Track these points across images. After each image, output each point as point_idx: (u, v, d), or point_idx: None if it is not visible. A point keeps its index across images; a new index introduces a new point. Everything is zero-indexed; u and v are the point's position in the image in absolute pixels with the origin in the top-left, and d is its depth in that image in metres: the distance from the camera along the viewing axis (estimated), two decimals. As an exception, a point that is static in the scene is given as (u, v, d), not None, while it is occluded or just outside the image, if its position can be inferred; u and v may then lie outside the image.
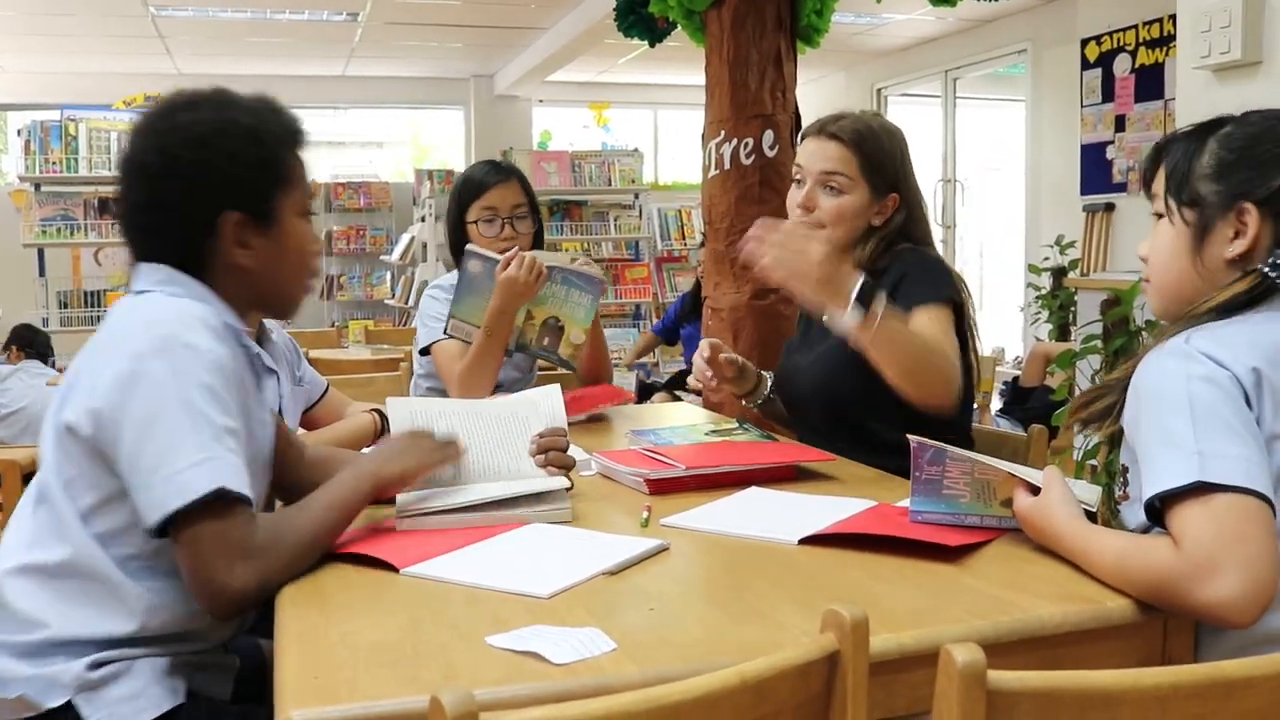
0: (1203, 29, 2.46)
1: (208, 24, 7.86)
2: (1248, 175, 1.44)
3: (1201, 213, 1.48)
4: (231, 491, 1.36)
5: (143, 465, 1.37)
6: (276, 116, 1.60)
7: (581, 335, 2.71)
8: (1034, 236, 7.82)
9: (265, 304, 1.64)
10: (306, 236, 1.63)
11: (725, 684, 0.96)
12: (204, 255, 1.54)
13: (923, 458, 1.59)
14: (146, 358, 1.40)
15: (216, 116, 1.54)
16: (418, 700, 1.02)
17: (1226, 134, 1.49)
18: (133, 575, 1.45)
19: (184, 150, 1.51)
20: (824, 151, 2.25)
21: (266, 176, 1.56)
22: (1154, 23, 6.62)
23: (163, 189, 1.51)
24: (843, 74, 10.29)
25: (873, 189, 2.23)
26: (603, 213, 8.51)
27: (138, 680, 1.43)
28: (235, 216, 1.53)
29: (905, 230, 2.27)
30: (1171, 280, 1.53)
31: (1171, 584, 1.23)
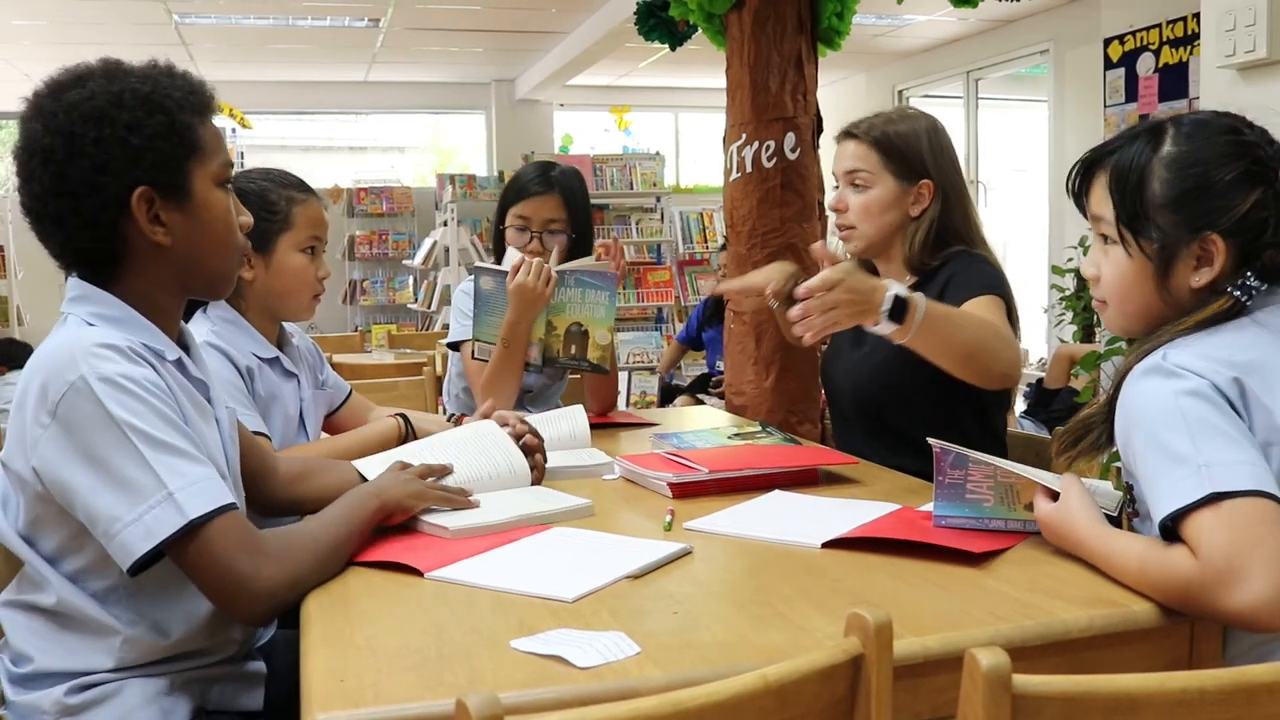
0: (1227, 28, 2.45)
1: (230, 30, 7.91)
2: (1210, 205, 1.42)
3: (1163, 244, 1.45)
4: (199, 517, 1.33)
5: (102, 515, 1.33)
6: (173, 81, 1.46)
7: (607, 335, 2.67)
8: (1057, 238, 7.78)
9: (192, 286, 1.53)
10: (226, 206, 1.51)
11: (749, 687, 0.96)
12: (119, 240, 1.44)
13: (945, 462, 1.59)
14: (65, 405, 1.34)
15: (109, 88, 1.41)
16: (443, 704, 1.02)
17: (1172, 156, 1.45)
18: (113, 609, 1.43)
19: (82, 127, 1.39)
20: (844, 151, 2.30)
21: (172, 145, 1.43)
22: (1177, 21, 6.59)
23: (67, 172, 1.39)
24: (864, 76, 10.26)
25: (898, 179, 2.25)
26: (624, 216, 8.53)
27: (127, 702, 1.42)
28: (144, 191, 1.42)
29: (948, 220, 2.27)
30: (1136, 308, 1.51)
31: (1195, 592, 1.22)
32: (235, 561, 1.35)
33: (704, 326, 6.51)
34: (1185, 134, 1.46)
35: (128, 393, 1.35)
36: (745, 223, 3.84)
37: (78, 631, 1.44)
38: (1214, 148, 1.44)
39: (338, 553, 1.48)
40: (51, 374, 1.36)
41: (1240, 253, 1.42)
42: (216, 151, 1.50)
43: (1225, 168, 1.42)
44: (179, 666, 1.47)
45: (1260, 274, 1.41)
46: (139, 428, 1.34)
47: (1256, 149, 1.42)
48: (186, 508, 1.33)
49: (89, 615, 1.43)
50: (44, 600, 1.44)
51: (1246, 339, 1.38)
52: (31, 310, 8.21)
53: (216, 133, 1.52)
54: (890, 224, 2.27)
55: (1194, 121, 1.48)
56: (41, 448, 1.35)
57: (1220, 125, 1.46)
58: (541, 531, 1.63)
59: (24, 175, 1.44)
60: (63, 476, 1.35)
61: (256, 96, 9.86)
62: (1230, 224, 1.41)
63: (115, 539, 1.32)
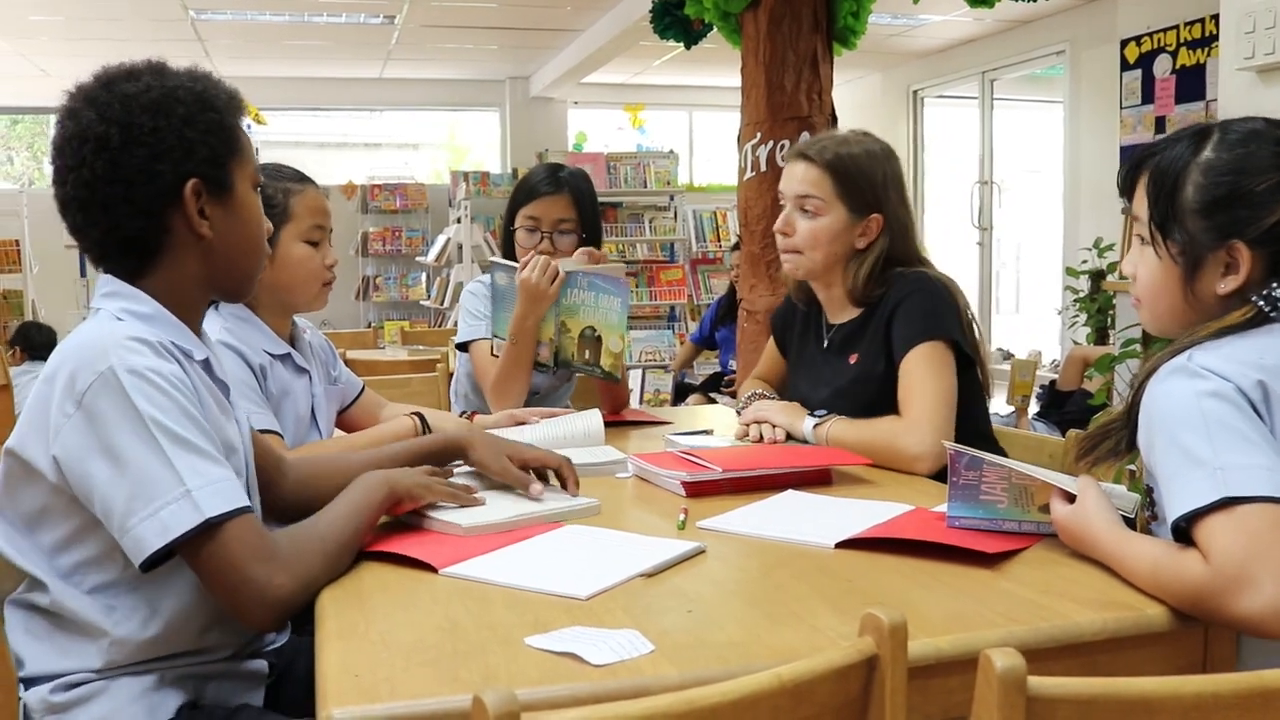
0: (1246, 30, 2.44)
1: (246, 26, 7.94)
2: (1238, 214, 1.41)
3: (1190, 249, 1.45)
4: (216, 517, 1.33)
5: (117, 509, 1.33)
6: (216, 85, 1.53)
7: (619, 342, 2.64)
8: (1072, 239, 7.77)
9: (222, 284, 1.56)
10: (259, 209, 1.58)
11: (763, 686, 0.96)
12: (165, 230, 1.47)
13: (960, 463, 1.59)
14: (92, 395, 1.35)
15: (163, 83, 1.46)
16: (459, 700, 1.03)
17: (1209, 162, 1.44)
18: (108, 605, 1.42)
19: (139, 117, 1.42)
20: (799, 174, 2.27)
21: (220, 142, 1.49)
22: (1195, 23, 6.57)
23: (121, 160, 1.42)
24: (879, 75, 10.25)
25: (850, 210, 2.23)
26: (638, 214, 8.53)
27: (114, 700, 1.42)
28: (196, 183, 1.46)
29: (892, 254, 2.26)
30: (1164, 309, 1.52)
31: (1206, 598, 1.22)
32: (248, 566, 1.34)
33: (717, 326, 6.51)
34: (1228, 141, 1.45)
35: (154, 387, 1.36)
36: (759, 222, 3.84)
37: (68, 632, 1.43)
38: (1252, 157, 1.43)
39: (347, 548, 1.48)
40: (81, 364, 1.37)
41: (1269, 263, 1.41)
42: (251, 155, 1.55)
43: (1259, 178, 1.41)
44: (169, 664, 1.47)
45: None
46: (162, 423, 1.34)
47: None
48: (204, 506, 1.33)
49: (80, 616, 1.42)
50: (40, 600, 1.44)
51: (1274, 343, 1.37)
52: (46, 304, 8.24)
53: (249, 138, 1.57)
54: (836, 254, 2.26)
55: (1241, 129, 1.47)
56: (64, 436, 1.36)
57: (1257, 130, 1.45)
58: (554, 529, 1.64)
59: (73, 163, 1.44)
60: (83, 467, 1.35)
61: (272, 93, 9.89)
62: (1258, 234, 1.40)
63: (129, 533, 1.33)
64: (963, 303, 2.23)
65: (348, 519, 1.50)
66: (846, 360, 2.28)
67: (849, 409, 2.19)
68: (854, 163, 2.23)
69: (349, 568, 1.47)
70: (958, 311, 2.20)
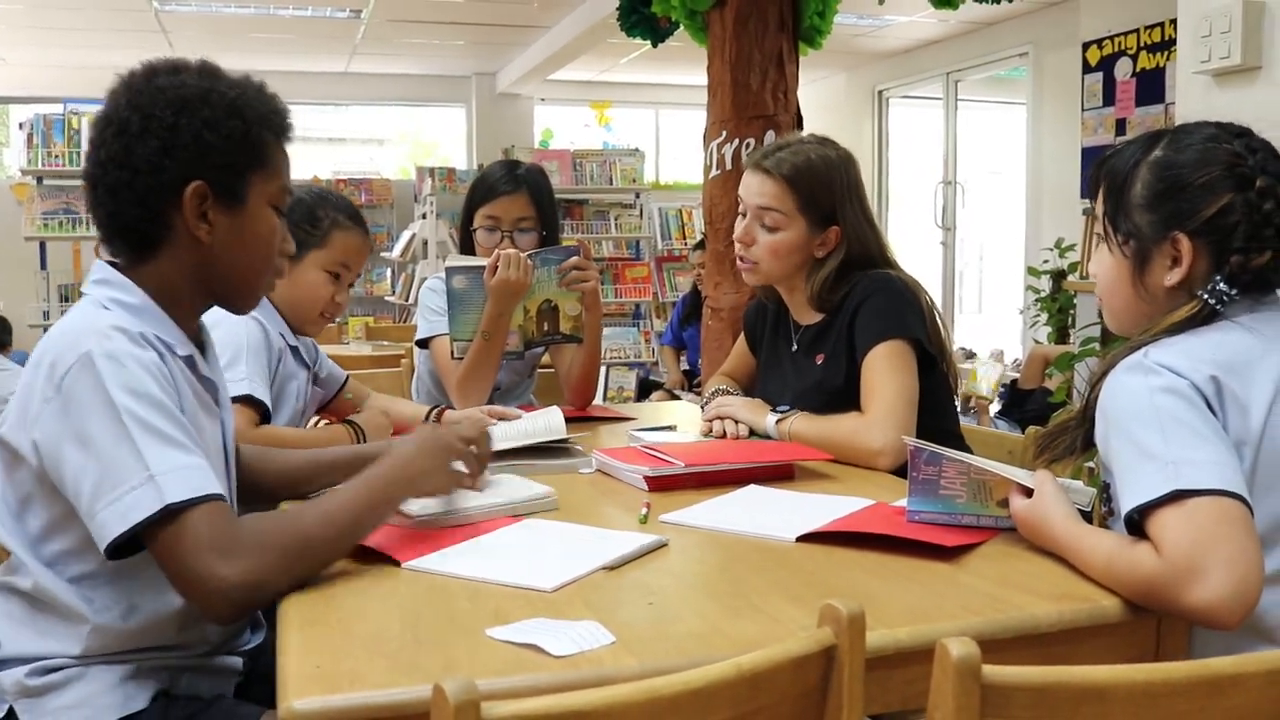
0: (1203, 34, 2.47)
1: (211, 19, 7.87)
2: (1179, 206, 1.46)
3: (1138, 243, 1.50)
4: (178, 503, 1.30)
5: (85, 493, 1.33)
6: (260, 97, 1.53)
7: (576, 306, 2.67)
8: (1034, 239, 7.84)
9: (217, 290, 1.56)
10: (274, 229, 1.56)
11: (722, 676, 0.97)
12: (163, 224, 1.48)
13: (919, 458, 1.61)
14: (69, 380, 1.35)
15: (199, 84, 1.48)
16: (419, 690, 1.03)
17: (1158, 160, 1.49)
18: (89, 595, 1.43)
19: (162, 111, 1.44)
20: (760, 187, 2.26)
21: (241, 152, 1.48)
22: (1155, 27, 6.64)
23: (134, 147, 1.44)
24: (844, 75, 10.30)
25: (810, 223, 2.24)
26: (604, 212, 8.53)
27: (89, 687, 1.42)
28: (199, 186, 1.46)
29: (851, 258, 2.26)
30: (1119, 305, 1.56)
31: (1158, 589, 1.24)
32: (201, 556, 1.30)
33: (684, 325, 6.53)
34: (1178, 142, 1.50)
35: (129, 374, 1.36)
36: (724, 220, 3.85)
37: (48, 617, 1.44)
38: (1194, 152, 1.47)
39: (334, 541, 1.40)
40: (61, 350, 1.38)
41: (1212, 256, 1.45)
42: (280, 175, 1.55)
43: (1199, 171, 1.46)
44: (146, 656, 1.47)
45: (1229, 279, 1.43)
46: (133, 410, 1.34)
47: (1236, 157, 1.45)
48: (165, 492, 1.31)
49: (61, 602, 1.43)
50: (21, 583, 1.45)
51: (1229, 339, 1.40)
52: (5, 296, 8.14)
53: (286, 158, 1.57)
54: (795, 264, 2.28)
55: (1191, 131, 1.52)
56: (43, 421, 1.36)
57: (1206, 133, 1.50)
58: (514, 523, 1.64)
59: (95, 142, 1.48)
60: (58, 451, 1.35)
61: (236, 86, 9.80)
62: (1197, 225, 1.44)
63: (95, 518, 1.32)
64: (926, 301, 2.24)
65: (340, 510, 1.42)
66: (813, 361, 2.30)
67: (814, 409, 2.20)
68: (813, 174, 2.23)
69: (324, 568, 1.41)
70: (921, 310, 2.21)
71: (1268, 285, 1.45)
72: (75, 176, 7.33)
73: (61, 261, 7.82)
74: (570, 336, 2.71)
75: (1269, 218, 1.42)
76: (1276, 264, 1.44)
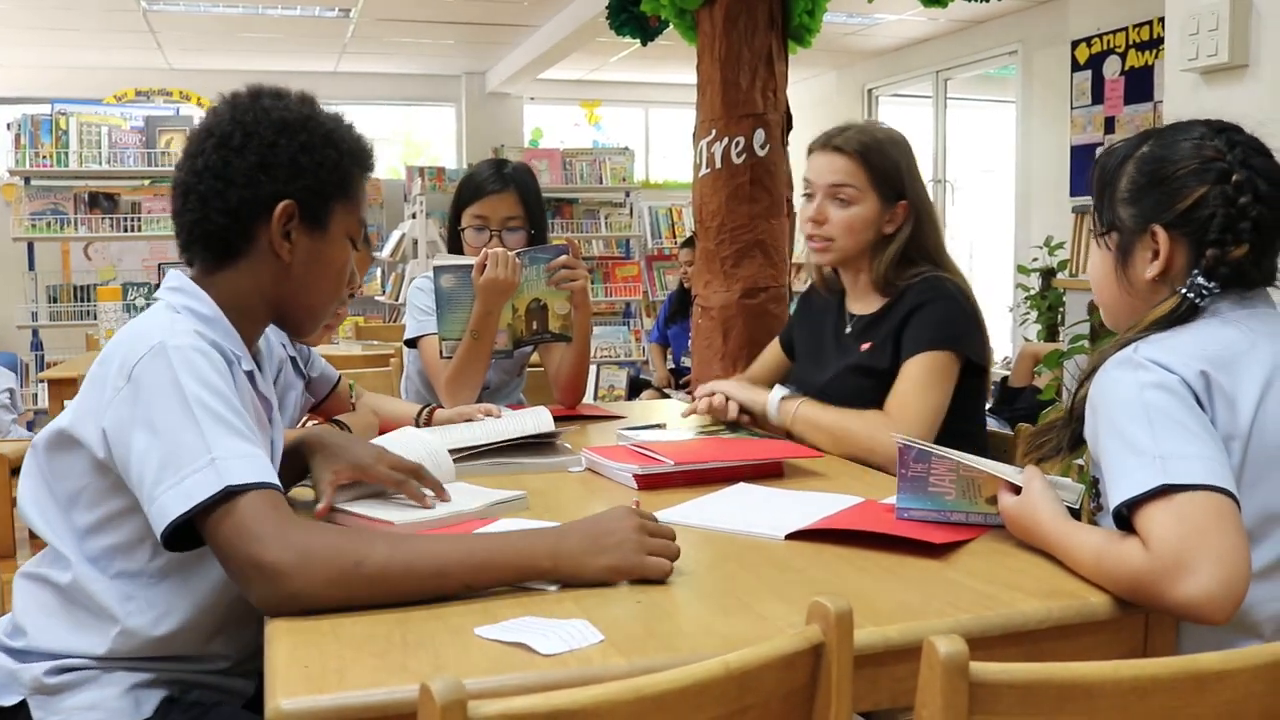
0: (1190, 32, 2.48)
1: (199, 18, 7.85)
2: (1156, 199, 1.49)
3: (1121, 237, 1.53)
4: (239, 485, 1.30)
5: (148, 478, 1.34)
6: (351, 133, 1.62)
7: (565, 304, 2.67)
8: (1023, 237, 7.85)
9: (284, 310, 1.60)
10: (347, 262, 1.62)
11: (710, 674, 0.97)
12: (247, 238, 1.53)
13: (909, 456, 1.61)
14: (141, 368, 1.38)
15: (300, 110, 1.57)
16: (407, 689, 1.03)
17: (1143, 155, 1.52)
18: (127, 594, 1.45)
19: (264, 130, 1.52)
20: (832, 165, 2.30)
21: (330, 180, 1.56)
22: (1144, 25, 6.66)
23: (234, 160, 1.51)
24: (834, 74, 10.30)
25: (882, 198, 2.29)
26: (594, 211, 8.52)
27: (104, 690, 1.44)
28: (289, 205, 1.52)
29: (917, 238, 2.31)
30: (1109, 300, 1.59)
31: (1145, 584, 1.24)
32: (255, 539, 1.27)
33: (670, 323, 6.53)
34: (1164, 139, 1.53)
35: (199, 367, 1.39)
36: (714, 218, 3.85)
37: (79, 614, 1.46)
38: (1176, 148, 1.50)
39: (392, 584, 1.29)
40: (136, 343, 1.41)
41: (1191, 250, 1.46)
42: (359, 209, 1.62)
43: (1177, 165, 1.48)
44: (165, 665, 1.49)
45: (1208, 273, 1.44)
46: (202, 398, 1.36)
47: (1215, 152, 1.46)
48: (226, 474, 1.31)
49: (96, 601, 1.45)
50: (59, 577, 1.47)
51: (1218, 335, 1.41)
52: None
53: (363, 193, 1.64)
54: (867, 240, 2.31)
55: (1177, 126, 1.54)
56: (114, 408, 1.38)
57: (1188, 129, 1.52)
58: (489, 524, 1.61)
59: (193, 151, 1.54)
60: (127, 437, 1.37)
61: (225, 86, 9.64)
62: (1173, 218, 1.47)
63: (156, 501, 1.32)
64: (978, 309, 2.28)
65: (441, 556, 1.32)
66: (858, 347, 2.32)
67: (844, 391, 2.21)
68: (881, 151, 2.29)
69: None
70: (978, 323, 2.25)
71: (1248, 280, 1.46)
72: (63, 177, 7.32)
73: (50, 262, 7.80)
74: (559, 335, 2.71)
75: (1244, 211, 1.43)
76: (1256, 258, 1.44)
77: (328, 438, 1.73)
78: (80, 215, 7.26)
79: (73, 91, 8.61)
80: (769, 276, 3.84)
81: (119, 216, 7.29)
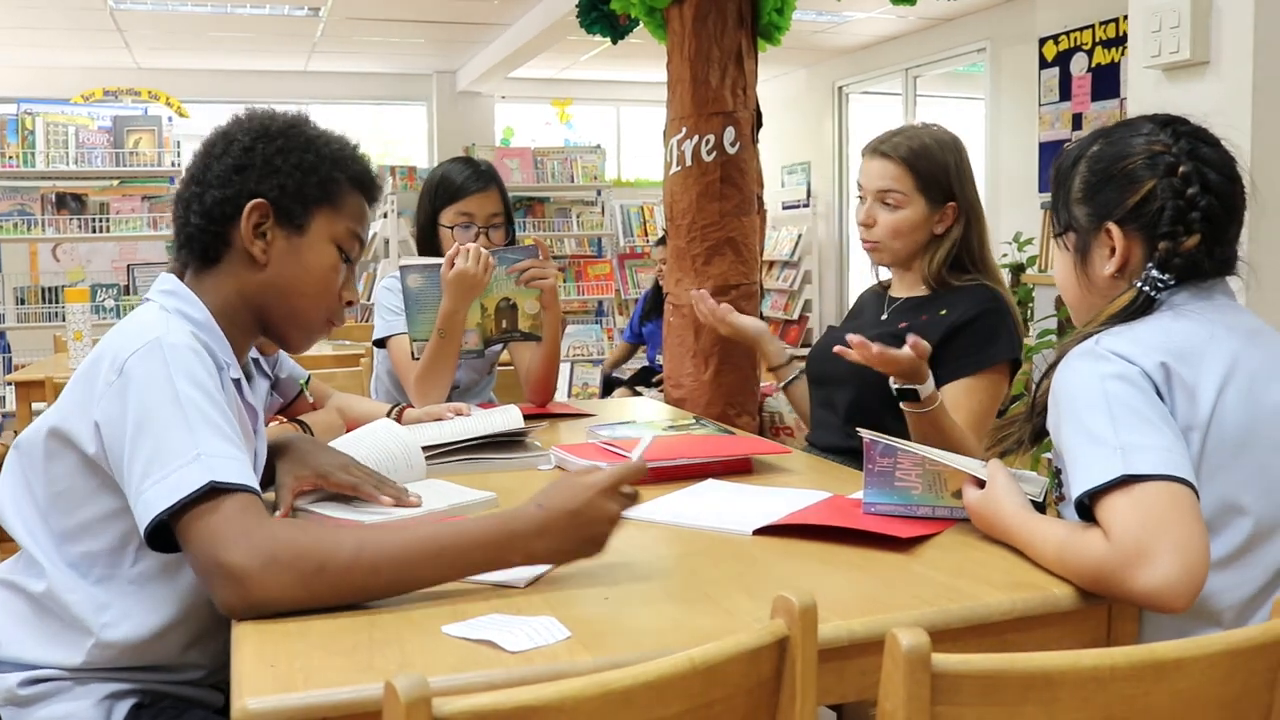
0: (1153, 29, 2.50)
1: (167, 17, 7.79)
2: (1107, 197, 1.51)
3: (1078, 236, 1.56)
4: (223, 483, 1.30)
5: (135, 472, 1.33)
6: (345, 146, 1.62)
7: (535, 304, 2.67)
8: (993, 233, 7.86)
9: (269, 318, 1.59)
10: (335, 266, 1.60)
11: (676, 668, 0.98)
12: (223, 240, 1.54)
13: (875, 450, 1.62)
14: (134, 362, 1.38)
15: (286, 120, 1.59)
16: (373, 687, 1.03)
17: (1092, 154, 1.55)
18: (104, 604, 1.43)
19: (243, 136, 1.55)
20: (880, 170, 2.37)
21: (310, 184, 1.55)
22: (1110, 23, 6.71)
23: (213, 165, 1.54)
24: (804, 71, 10.33)
25: (929, 201, 2.34)
26: (565, 209, 8.52)
27: (76, 702, 1.44)
28: (260, 203, 1.53)
29: (967, 240, 2.37)
30: (1073, 299, 1.62)
31: (1107, 574, 1.26)
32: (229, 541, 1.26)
33: (644, 321, 6.52)
34: (1110, 135, 1.56)
35: (191, 366, 1.39)
36: (685, 216, 3.85)
37: (53, 625, 1.45)
38: (1123, 145, 1.52)
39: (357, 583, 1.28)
40: (127, 340, 1.41)
41: (1145, 244, 1.48)
42: (349, 219, 1.61)
43: (1123, 162, 1.51)
44: (138, 676, 1.48)
45: (1161, 265, 1.46)
46: (192, 397, 1.36)
47: (1160, 145, 1.48)
48: (212, 471, 1.30)
49: (70, 612, 1.43)
50: (33, 586, 1.45)
51: (1179, 327, 1.43)
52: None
53: (363, 210, 1.64)
54: (916, 242, 2.37)
55: (1124, 123, 1.57)
56: (105, 400, 1.38)
57: (1136, 125, 1.55)
58: None
59: (189, 163, 1.60)
60: (117, 430, 1.36)
61: (194, 85, 9.71)
62: (1124, 214, 1.49)
63: (142, 496, 1.31)
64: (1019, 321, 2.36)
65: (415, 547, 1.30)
66: (896, 324, 2.34)
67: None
68: (928, 156, 2.34)
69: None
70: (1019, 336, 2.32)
71: (1202, 270, 1.47)
72: (30, 177, 7.25)
73: (18, 264, 7.72)
74: (529, 335, 2.72)
75: (1193, 201, 1.45)
76: (1208, 248, 1.46)
77: (295, 443, 1.73)
78: (48, 216, 7.19)
79: (39, 91, 8.53)
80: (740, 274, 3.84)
81: (87, 217, 7.22)
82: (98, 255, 7.86)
